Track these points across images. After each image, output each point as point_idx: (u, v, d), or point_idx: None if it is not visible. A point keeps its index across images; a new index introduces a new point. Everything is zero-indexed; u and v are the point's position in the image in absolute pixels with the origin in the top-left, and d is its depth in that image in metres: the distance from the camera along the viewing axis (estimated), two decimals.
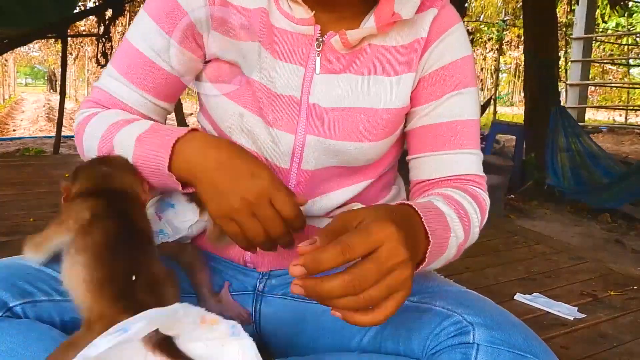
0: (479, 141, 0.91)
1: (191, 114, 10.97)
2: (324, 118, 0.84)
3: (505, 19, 13.86)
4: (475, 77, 0.93)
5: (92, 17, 7.23)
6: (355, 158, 0.86)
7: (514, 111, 16.56)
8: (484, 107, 6.02)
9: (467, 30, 1.01)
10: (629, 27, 12.67)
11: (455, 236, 0.75)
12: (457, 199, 0.82)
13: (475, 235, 0.84)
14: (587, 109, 11.06)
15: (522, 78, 6.68)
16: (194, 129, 0.79)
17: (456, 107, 0.88)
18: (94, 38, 6.77)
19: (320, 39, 0.84)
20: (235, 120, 0.84)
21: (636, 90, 14.32)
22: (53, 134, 5.91)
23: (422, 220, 0.67)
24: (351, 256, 0.54)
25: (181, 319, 0.56)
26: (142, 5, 0.90)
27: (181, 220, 0.89)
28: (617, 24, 13.08)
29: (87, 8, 7.00)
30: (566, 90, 8.99)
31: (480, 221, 0.85)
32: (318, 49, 0.84)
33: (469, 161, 0.89)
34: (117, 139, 0.81)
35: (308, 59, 0.84)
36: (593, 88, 13.97)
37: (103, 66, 5.51)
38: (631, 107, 13.05)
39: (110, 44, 5.53)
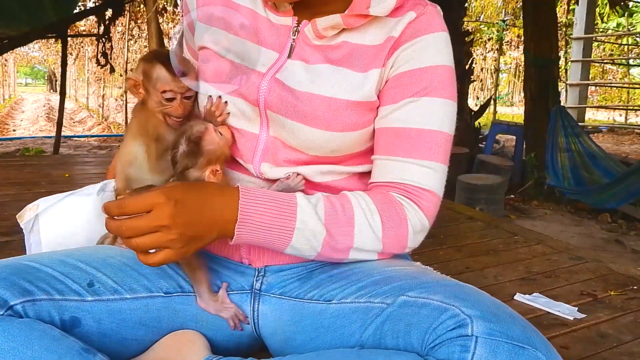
0: (440, 154, 0.87)
1: None
2: (284, 97, 0.87)
3: (505, 19, 13.86)
4: (447, 90, 0.89)
5: (92, 17, 7.23)
6: (313, 145, 0.87)
7: (514, 111, 16.55)
8: (483, 107, 6.01)
9: (467, 30, 1.00)
10: (629, 27, 12.67)
11: (306, 227, 0.79)
12: (349, 199, 0.84)
13: (366, 240, 0.82)
14: (587, 109, 11.06)
15: (522, 78, 6.68)
16: None
17: (412, 115, 0.87)
18: (94, 38, 6.76)
19: (296, 28, 0.90)
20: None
21: (636, 90, 14.31)
22: (53, 134, 5.90)
23: (239, 201, 0.77)
24: (124, 211, 0.71)
25: None
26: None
27: None
28: (617, 24, 13.08)
29: (87, 8, 6.99)
30: (566, 90, 8.99)
31: (382, 230, 0.83)
32: (293, 37, 0.90)
33: (416, 171, 0.86)
34: None
35: (284, 47, 0.90)
36: (593, 88, 13.97)
37: (103, 66, 5.51)
38: (631, 107, 13.05)
39: (110, 44, 5.53)
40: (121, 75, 12.13)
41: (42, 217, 0.91)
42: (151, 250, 0.73)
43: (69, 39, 6.56)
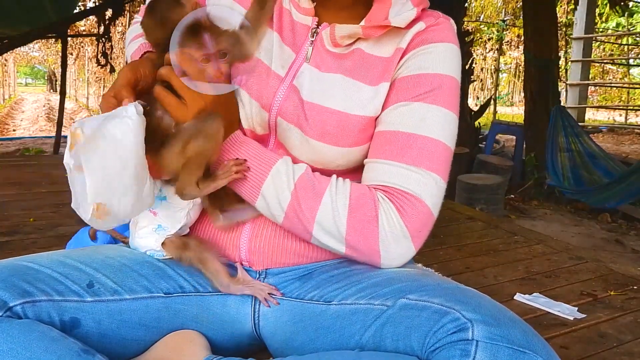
0: (430, 160, 0.83)
1: None
2: (298, 106, 0.86)
3: (505, 19, 13.86)
4: (448, 100, 0.86)
5: (92, 17, 7.23)
6: (320, 159, 0.87)
7: (514, 111, 16.54)
8: (483, 107, 6.01)
9: (467, 30, 1.00)
10: (629, 27, 12.66)
11: (279, 177, 0.82)
12: (329, 179, 0.84)
13: (329, 220, 0.81)
14: (587, 109, 11.06)
15: (522, 78, 6.68)
16: None
17: (403, 118, 0.85)
18: (94, 38, 6.77)
19: (315, 30, 0.89)
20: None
21: (636, 90, 14.30)
22: (53, 134, 5.91)
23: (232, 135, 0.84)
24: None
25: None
26: None
27: (176, 209, 0.89)
28: (617, 24, 13.08)
29: (87, 8, 6.99)
30: (566, 90, 8.99)
31: (347, 216, 0.81)
32: (312, 39, 0.89)
33: (399, 174, 0.83)
34: None
35: (301, 48, 0.89)
36: (593, 88, 13.96)
37: (103, 66, 5.51)
38: (631, 107, 13.04)
39: (110, 44, 5.53)
40: None
41: (84, 150, 0.69)
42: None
43: (69, 39, 6.56)
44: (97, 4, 7.13)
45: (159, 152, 0.78)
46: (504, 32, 13.41)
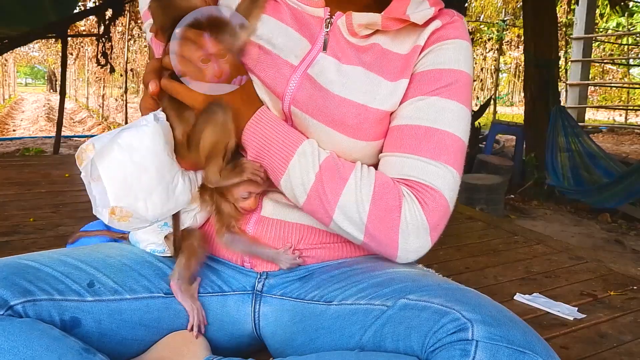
0: (449, 154, 0.84)
1: None
2: (314, 96, 0.85)
3: (505, 19, 13.85)
4: (462, 95, 0.88)
5: (92, 17, 7.23)
6: (336, 150, 0.86)
7: (514, 111, 16.56)
8: (483, 107, 6.02)
9: (467, 30, 1.00)
10: (629, 27, 12.66)
11: (305, 157, 0.81)
12: (354, 164, 0.83)
13: (351, 205, 0.81)
14: (587, 109, 11.06)
15: (522, 78, 6.68)
16: None
17: (421, 112, 0.85)
18: (94, 38, 6.77)
19: (329, 20, 0.88)
20: None
21: (636, 90, 14.31)
22: (53, 134, 5.91)
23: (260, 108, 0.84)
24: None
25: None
26: None
27: (183, 210, 0.89)
28: (617, 24, 13.08)
29: (87, 8, 6.99)
30: (566, 90, 8.99)
31: (370, 202, 0.80)
32: (327, 30, 0.88)
33: (419, 168, 0.83)
34: None
35: (317, 38, 0.88)
36: (593, 88, 13.97)
37: (103, 66, 5.51)
38: (631, 107, 13.05)
39: (110, 44, 5.53)
40: (121, 75, 12.13)
41: (100, 161, 0.76)
42: None
43: (69, 39, 6.56)
44: (97, 4, 7.13)
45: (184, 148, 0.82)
46: (504, 32, 13.41)
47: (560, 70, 6.25)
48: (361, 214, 0.81)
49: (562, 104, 5.53)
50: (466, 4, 5.97)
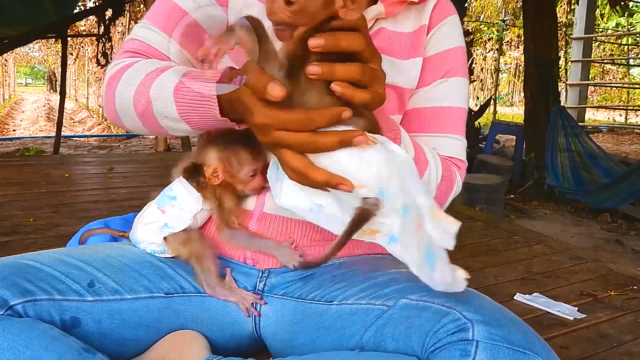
0: (464, 129, 0.97)
1: None
2: None
3: (505, 19, 13.85)
4: (465, 68, 0.99)
5: (92, 17, 7.23)
6: None
7: (514, 111, 16.55)
8: (483, 107, 6.02)
9: (467, 30, 1.05)
10: (629, 27, 12.67)
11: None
12: (418, 144, 0.87)
13: (430, 185, 0.86)
14: (587, 109, 11.07)
15: (522, 78, 6.68)
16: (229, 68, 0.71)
17: (444, 94, 0.95)
18: (94, 38, 6.77)
19: None
20: None
21: (636, 90, 14.31)
22: (53, 134, 5.91)
23: None
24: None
25: None
26: None
27: (184, 210, 0.89)
28: (617, 24, 13.08)
29: (87, 8, 6.99)
30: (566, 90, 8.99)
31: (438, 179, 0.87)
32: None
33: (451, 145, 0.95)
34: (154, 90, 0.78)
35: None
36: (593, 88, 13.97)
37: (103, 66, 5.52)
38: (631, 107, 13.05)
39: (110, 44, 5.53)
40: None
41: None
42: None
43: (69, 39, 6.56)
44: (97, 4, 7.13)
45: None
46: (504, 32, 13.41)
47: (560, 70, 6.25)
48: (432, 187, 0.88)
49: (562, 104, 5.53)
50: (466, 4, 5.97)
